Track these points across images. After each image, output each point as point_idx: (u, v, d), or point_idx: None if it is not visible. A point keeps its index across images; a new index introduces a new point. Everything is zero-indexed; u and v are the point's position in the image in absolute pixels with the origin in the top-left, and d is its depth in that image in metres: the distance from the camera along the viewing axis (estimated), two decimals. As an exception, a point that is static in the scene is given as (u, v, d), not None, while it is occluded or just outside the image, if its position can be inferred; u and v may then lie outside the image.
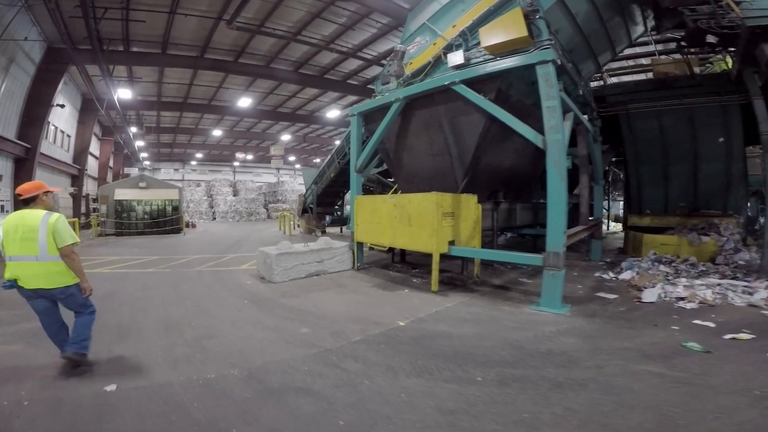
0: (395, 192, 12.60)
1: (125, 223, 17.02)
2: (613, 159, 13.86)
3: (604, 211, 18.18)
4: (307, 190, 17.64)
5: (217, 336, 4.23)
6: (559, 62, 5.59)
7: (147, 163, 36.57)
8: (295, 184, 39.63)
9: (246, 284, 6.97)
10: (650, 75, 11.33)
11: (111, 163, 30.31)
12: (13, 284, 3.14)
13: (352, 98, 21.70)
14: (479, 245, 7.09)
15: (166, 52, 15.04)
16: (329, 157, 15.65)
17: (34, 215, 3.17)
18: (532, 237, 11.40)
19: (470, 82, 6.33)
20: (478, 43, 6.22)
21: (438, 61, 7.07)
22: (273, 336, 4.25)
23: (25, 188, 3.30)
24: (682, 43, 8.86)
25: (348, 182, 17.40)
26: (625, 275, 7.34)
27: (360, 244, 8.34)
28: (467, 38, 6.58)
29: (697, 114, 9.49)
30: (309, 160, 43.88)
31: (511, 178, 8.67)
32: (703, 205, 9.95)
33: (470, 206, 6.94)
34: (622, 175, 20.14)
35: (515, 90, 6.82)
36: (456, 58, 6.51)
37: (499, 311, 5.36)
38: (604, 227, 18.56)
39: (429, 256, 6.43)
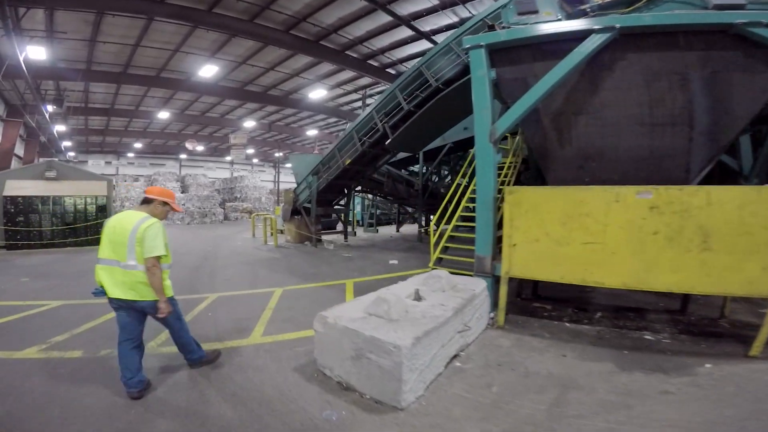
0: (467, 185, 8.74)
1: (23, 230, 11.44)
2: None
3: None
4: (299, 184, 13.17)
5: None
6: None
7: (71, 153, 29.63)
8: (257, 180, 34.39)
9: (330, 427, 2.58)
10: None
11: (21, 153, 23.46)
12: (102, 291, 2.81)
13: (345, 75, 17.71)
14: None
15: (110, -9, 10.21)
16: (346, 135, 11.33)
17: (131, 217, 2.88)
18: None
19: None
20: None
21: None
22: None
23: (152, 189, 3.13)
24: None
25: (361, 172, 12.56)
26: None
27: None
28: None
29: None
30: (269, 154, 38.77)
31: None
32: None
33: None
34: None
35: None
36: None
37: None
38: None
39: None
